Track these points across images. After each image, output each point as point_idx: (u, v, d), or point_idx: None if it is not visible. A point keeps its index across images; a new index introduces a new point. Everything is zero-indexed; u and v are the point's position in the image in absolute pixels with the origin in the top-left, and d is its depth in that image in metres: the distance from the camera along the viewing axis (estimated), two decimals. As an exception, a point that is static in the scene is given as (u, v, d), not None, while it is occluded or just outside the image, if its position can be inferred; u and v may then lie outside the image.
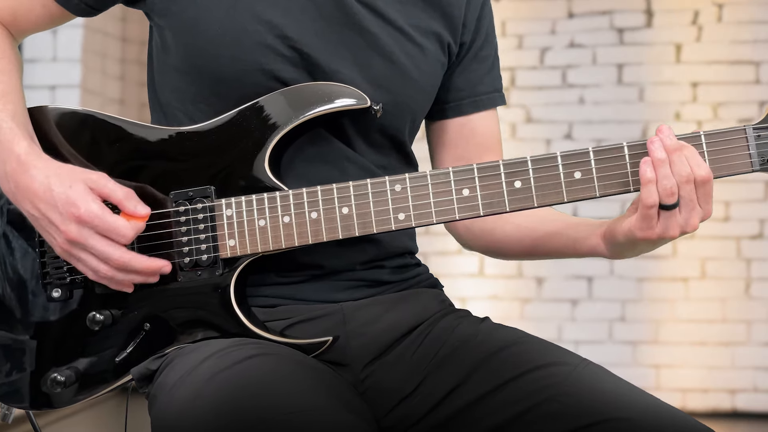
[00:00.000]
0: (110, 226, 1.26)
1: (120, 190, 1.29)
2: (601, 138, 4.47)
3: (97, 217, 1.26)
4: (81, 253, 1.29)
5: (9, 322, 1.39)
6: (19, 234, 1.39)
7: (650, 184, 1.24)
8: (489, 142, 1.53)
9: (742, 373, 4.36)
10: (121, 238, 1.27)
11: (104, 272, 1.29)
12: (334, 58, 1.37)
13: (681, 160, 1.24)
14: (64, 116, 1.40)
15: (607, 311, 4.48)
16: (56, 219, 1.28)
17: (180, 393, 1.19)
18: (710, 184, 1.25)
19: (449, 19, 1.46)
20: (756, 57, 4.41)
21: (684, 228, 1.25)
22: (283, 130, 1.33)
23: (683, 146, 1.25)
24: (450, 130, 1.53)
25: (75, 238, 1.27)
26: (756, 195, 4.40)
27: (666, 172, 1.24)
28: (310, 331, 1.35)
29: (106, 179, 1.30)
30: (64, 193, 1.27)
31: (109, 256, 1.27)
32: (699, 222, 1.26)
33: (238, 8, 1.36)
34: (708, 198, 1.25)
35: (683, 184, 1.24)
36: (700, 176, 1.24)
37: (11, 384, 1.39)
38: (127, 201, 1.29)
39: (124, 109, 4.52)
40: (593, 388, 1.26)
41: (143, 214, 1.29)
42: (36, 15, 1.46)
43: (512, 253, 1.52)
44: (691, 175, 1.23)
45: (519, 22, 4.59)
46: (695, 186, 1.24)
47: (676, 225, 1.25)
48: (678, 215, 1.25)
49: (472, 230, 1.53)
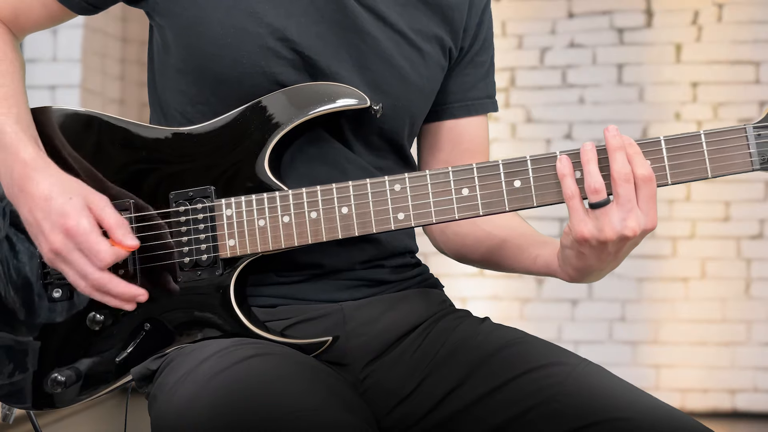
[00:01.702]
0: (92, 246, 1.26)
1: (114, 217, 1.28)
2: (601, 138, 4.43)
3: (83, 234, 1.26)
4: (63, 264, 1.29)
5: (9, 322, 1.39)
6: (21, 235, 1.39)
7: (564, 178, 1.23)
8: (476, 149, 1.53)
9: (742, 373, 4.36)
10: (98, 261, 1.26)
11: (82, 288, 1.29)
12: (335, 60, 1.37)
13: (620, 158, 1.21)
14: (66, 117, 1.41)
15: (607, 311, 4.48)
16: (46, 227, 1.28)
17: (180, 393, 1.19)
18: (652, 185, 1.21)
19: (451, 23, 1.46)
20: (756, 57, 4.41)
21: (620, 230, 1.20)
22: (284, 130, 1.33)
23: (626, 145, 1.22)
24: (438, 133, 1.53)
25: (59, 248, 1.27)
26: (756, 195, 4.40)
27: (591, 170, 1.22)
28: (310, 331, 1.36)
29: (105, 203, 1.29)
30: (62, 203, 1.27)
31: (86, 274, 1.27)
32: (639, 228, 1.20)
33: (239, 9, 1.36)
34: (650, 202, 1.21)
35: (622, 183, 1.20)
36: (641, 175, 1.21)
37: (12, 384, 1.39)
38: (117, 228, 1.28)
39: (124, 109, 4.52)
40: (593, 388, 1.26)
41: (129, 245, 1.28)
42: (37, 14, 1.46)
43: (478, 259, 1.51)
44: (630, 174, 1.21)
45: (519, 22, 4.59)
46: (636, 186, 1.21)
47: (609, 225, 1.21)
48: (612, 214, 1.21)
49: (445, 233, 1.53)
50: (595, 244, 1.23)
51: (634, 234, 1.21)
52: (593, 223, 1.22)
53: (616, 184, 1.21)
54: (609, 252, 1.24)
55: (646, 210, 1.21)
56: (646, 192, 1.21)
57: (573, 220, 1.23)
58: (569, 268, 1.31)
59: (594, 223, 1.22)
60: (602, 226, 1.21)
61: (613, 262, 1.27)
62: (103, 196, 1.30)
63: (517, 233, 1.44)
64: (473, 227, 1.48)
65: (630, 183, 1.21)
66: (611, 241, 1.22)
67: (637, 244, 1.25)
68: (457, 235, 1.51)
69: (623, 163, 1.21)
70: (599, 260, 1.26)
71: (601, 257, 1.25)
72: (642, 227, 1.21)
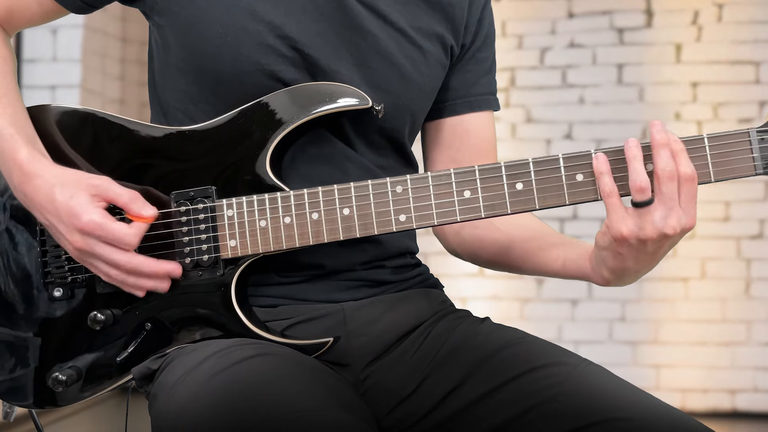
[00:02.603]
0: (113, 235, 1.26)
1: (125, 193, 1.29)
2: (601, 138, 4.47)
3: (99, 228, 1.26)
4: (91, 259, 1.29)
5: (12, 320, 1.39)
6: (22, 233, 1.39)
7: (602, 176, 1.22)
8: (483, 145, 1.52)
9: (742, 373, 4.36)
10: (125, 246, 1.27)
11: (115, 276, 1.30)
12: (335, 59, 1.37)
13: (665, 155, 1.20)
14: (65, 115, 1.40)
15: (607, 311, 4.48)
16: (62, 229, 1.28)
17: (180, 393, 1.19)
18: (694, 184, 1.20)
19: (451, 20, 1.46)
20: (756, 57, 4.41)
21: (662, 228, 1.20)
22: (285, 129, 1.33)
23: (671, 142, 1.21)
24: (444, 130, 1.52)
25: (82, 247, 1.28)
26: (756, 195, 4.40)
27: (637, 167, 1.20)
28: (310, 331, 1.36)
29: (109, 183, 1.29)
30: (65, 203, 1.27)
31: (117, 262, 1.28)
32: (679, 226, 1.20)
33: (239, 8, 1.36)
34: (691, 201, 1.20)
35: (666, 181, 1.19)
36: (685, 173, 1.20)
37: (13, 380, 1.39)
38: (132, 204, 1.29)
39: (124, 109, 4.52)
40: (593, 388, 1.25)
41: (149, 215, 1.29)
42: (32, 11, 1.46)
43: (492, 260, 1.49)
44: (674, 172, 1.19)
45: (519, 22, 4.59)
46: (678, 184, 1.20)
47: (651, 223, 1.20)
48: (654, 213, 1.20)
49: (461, 235, 1.52)
50: (634, 243, 1.21)
51: (674, 233, 1.20)
52: (634, 221, 1.20)
53: (660, 182, 1.19)
54: (648, 252, 1.23)
55: (686, 209, 1.20)
56: (688, 191, 1.20)
57: (612, 219, 1.21)
58: (604, 270, 1.29)
59: (635, 221, 1.20)
60: (644, 225, 1.20)
61: (651, 263, 1.25)
62: (104, 177, 1.30)
63: (537, 234, 1.43)
64: (491, 228, 1.47)
65: (674, 181, 1.19)
66: (651, 240, 1.20)
67: (675, 243, 1.24)
68: (473, 237, 1.49)
69: (668, 160, 1.20)
70: (637, 261, 1.24)
71: (639, 257, 1.24)
72: (682, 226, 1.20)
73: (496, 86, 1.55)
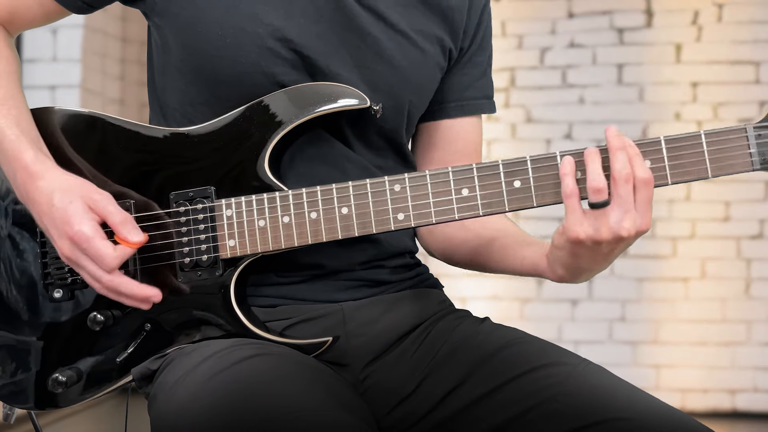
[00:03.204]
0: (96, 252, 1.26)
1: (119, 214, 1.28)
2: (601, 138, 4.47)
3: (86, 241, 1.26)
4: (77, 268, 1.30)
5: (11, 322, 1.39)
6: (22, 235, 1.39)
7: (565, 177, 1.23)
8: (468, 149, 1.52)
9: (742, 373, 4.36)
10: (105, 266, 1.26)
11: (98, 289, 1.30)
12: (335, 60, 1.37)
13: (622, 158, 1.21)
14: (67, 118, 1.41)
15: (607, 311, 4.48)
16: (55, 234, 1.28)
17: (179, 393, 1.20)
18: (650, 188, 1.21)
19: (451, 24, 1.46)
20: (756, 57, 4.41)
21: (616, 231, 1.20)
22: (284, 129, 1.33)
23: (627, 146, 1.22)
24: (435, 133, 1.52)
25: (68, 255, 1.28)
26: (756, 195, 4.40)
27: (594, 168, 1.22)
28: (310, 331, 1.36)
29: (108, 201, 1.29)
30: (63, 208, 1.27)
31: (99, 278, 1.28)
32: (634, 229, 1.20)
33: (238, 9, 1.36)
34: (647, 204, 1.21)
35: (622, 183, 1.20)
36: (641, 177, 1.21)
37: (15, 384, 1.39)
38: (122, 226, 1.28)
39: (124, 109, 4.52)
40: (593, 388, 1.26)
41: (135, 241, 1.28)
42: (34, 12, 1.46)
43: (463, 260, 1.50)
44: (630, 175, 1.20)
45: (519, 22, 4.59)
46: (634, 187, 1.21)
47: (606, 225, 1.21)
48: (610, 215, 1.21)
49: (433, 234, 1.52)
50: (590, 245, 1.23)
51: (629, 234, 1.21)
52: (590, 223, 1.22)
53: (616, 185, 1.21)
54: (602, 252, 1.24)
55: (642, 211, 1.21)
56: (644, 194, 1.21)
57: (569, 220, 1.23)
58: (559, 268, 1.30)
59: (591, 223, 1.22)
60: (599, 226, 1.21)
61: (604, 263, 1.27)
62: (105, 193, 1.30)
63: (504, 233, 1.44)
64: (460, 227, 1.48)
65: (630, 184, 1.20)
66: (606, 242, 1.22)
67: (630, 245, 1.25)
68: (444, 235, 1.50)
69: (624, 163, 1.21)
70: (591, 260, 1.26)
71: (593, 257, 1.25)
72: (637, 228, 1.21)
73: (492, 89, 1.55)
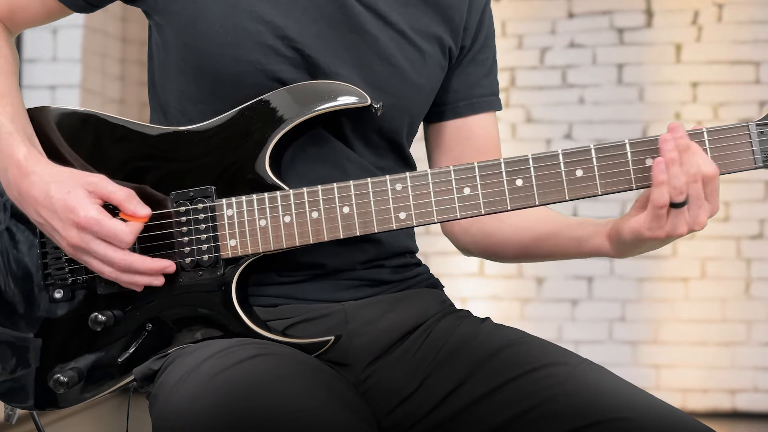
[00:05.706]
0: (109, 231, 1.26)
1: (120, 191, 1.29)
2: (601, 138, 4.47)
3: (96, 223, 1.26)
4: (85, 256, 1.29)
5: (13, 322, 1.39)
6: (23, 234, 1.39)
7: (662, 186, 1.23)
8: (486, 145, 1.52)
9: (742, 373, 4.36)
10: (120, 243, 1.27)
11: (108, 274, 1.30)
12: (335, 59, 1.37)
13: (690, 158, 1.23)
14: (65, 116, 1.40)
15: (607, 311, 4.48)
16: (58, 225, 1.28)
17: (180, 393, 1.20)
18: (717, 181, 1.24)
19: (451, 22, 1.46)
20: (756, 57, 4.41)
21: (692, 225, 1.24)
22: (285, 128, 1.33)
23: (690, 144, 1.24)
24: (447, 133, 1.52)
25: (77, 243, 1.28)
26: (756, 195, 4.40)
27: (676, 172, 1.22)
28: (311, 330, 1.36)
29: (105, 181, 1.30)
30: (62, 198, 1.27)
31: (111, 259, 1.28)
32: (707, 218, 1.24)
33: (239, 8, 1.36)
34: (715, 194, 1.24)
35: (691, 183, 1.22)
36: (708, 173, 1.22)
37: (14, 381, 1.39)
38: (126, 202, 1.29)
39: (124, 109, 4.52)
40: (593, 388, 1.26)
41: (143, 214, 1.29)
42: (34, 10, 1.46)
43: (512, 255, 1.51)
44: (698, 173, 1.22)
45: (519, 22, 4.59)
46: (703, 183, 1.23)
47: (684, 223, 1.24)
48: (686, 213, 1.23)
49: (470, 232, 1.52)
50: (663, 238, 1.26)
51: (703, 226, 1.25)
52: (670, 222, 1.24)
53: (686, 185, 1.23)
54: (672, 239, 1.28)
55: (712, 201, 1.24)
56: (711, 186, 1.23)
57: (652, 224, 1.24)
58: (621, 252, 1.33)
59: (671, 221, 1.24)
60: (677, 224, 1.24)
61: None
62: (100, 175, 1.31)
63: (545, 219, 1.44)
64: (499, 224, 1.48)
65: (699, 181, 1.23)
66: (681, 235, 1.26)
67: None
68: (483, 234, 1.50)
69: (692, 163, 1.23)
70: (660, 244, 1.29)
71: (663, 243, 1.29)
72: (708, 217, 1.25)
73: (497, 86, 1.55)
